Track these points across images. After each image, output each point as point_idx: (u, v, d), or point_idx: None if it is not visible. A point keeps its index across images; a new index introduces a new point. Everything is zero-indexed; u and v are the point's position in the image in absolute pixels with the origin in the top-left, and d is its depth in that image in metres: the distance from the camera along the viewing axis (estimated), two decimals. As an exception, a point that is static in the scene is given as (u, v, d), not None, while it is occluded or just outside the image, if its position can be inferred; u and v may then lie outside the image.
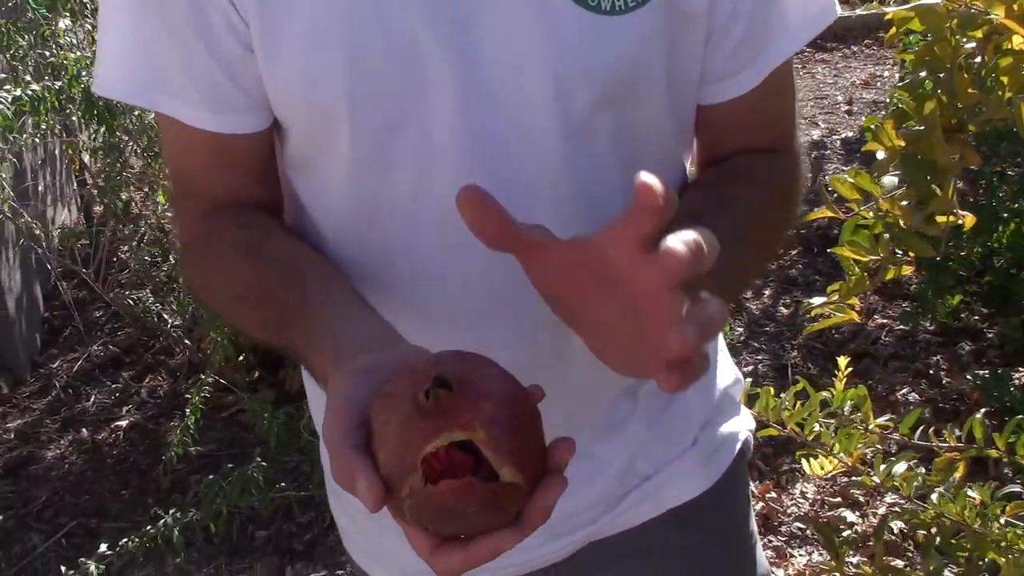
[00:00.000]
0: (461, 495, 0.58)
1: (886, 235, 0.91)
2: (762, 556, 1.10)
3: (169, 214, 3.07)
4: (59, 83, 2.03)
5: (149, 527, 2.21)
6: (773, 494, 2.55)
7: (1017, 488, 1.38)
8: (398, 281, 0.87)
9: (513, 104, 0.80)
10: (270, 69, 0.80)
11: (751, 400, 1.46)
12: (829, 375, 1.50)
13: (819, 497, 2.55)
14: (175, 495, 2.66)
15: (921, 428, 1.44)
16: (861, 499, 2.48)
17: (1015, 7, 0.80)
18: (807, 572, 2.24)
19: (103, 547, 2.17)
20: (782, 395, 1.42)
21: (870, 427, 1.38)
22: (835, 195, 1.06)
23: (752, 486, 2.57)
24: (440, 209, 0.82)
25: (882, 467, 1.30)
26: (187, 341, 3.15)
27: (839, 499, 2.52)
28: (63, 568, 2.17)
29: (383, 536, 1.02)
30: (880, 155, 0.86)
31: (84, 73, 2.11)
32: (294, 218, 0.94)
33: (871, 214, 0.92)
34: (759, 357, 3.12)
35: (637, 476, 0.97)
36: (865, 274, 0.97)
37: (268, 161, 0.90)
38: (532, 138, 0.81)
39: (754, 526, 1.09)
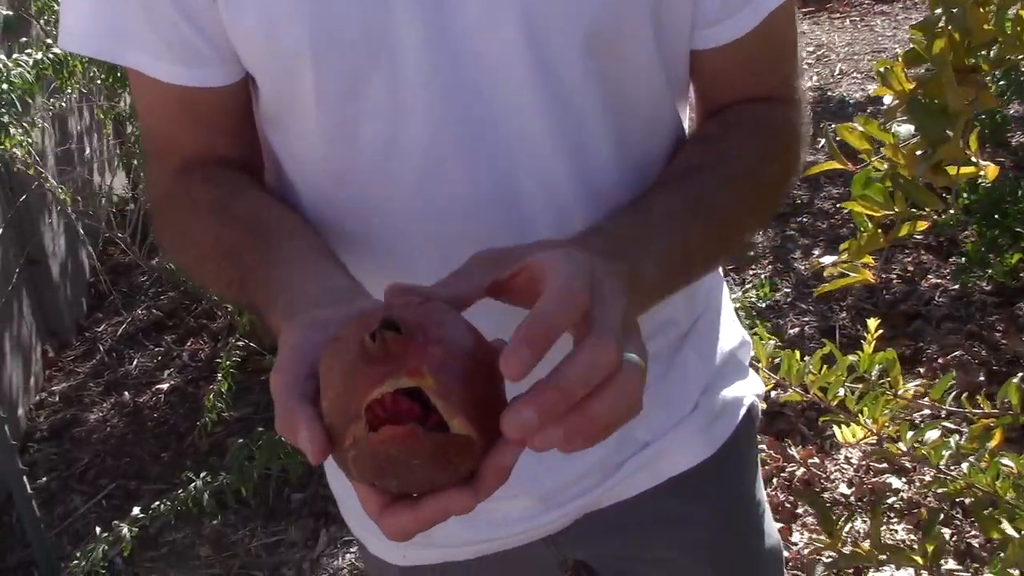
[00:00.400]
0: (405, 444, 0.53)
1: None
2: (772, 526, 1.04)
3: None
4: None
5: (181, 491, 2.21)
6: (816, 459, 2.48)
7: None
8: (374, 241, 0.82)
9: (486, 53, 0.74)
10: (232, 16, 0.76)
11: (775, 367, 1.40)
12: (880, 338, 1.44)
13: (864, 463, 2.47)
14: (213, 458, 2.67)
15: (960, 394, 1.37)
16: (908, 465, 2.39)
17: (1036, -66, 0.73)
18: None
19: (136, 510, 2.18)
20: (806, 358, 1.36)
21: (899, 393, 1.31)
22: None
23: (794, 451, 2.51)
24: (413, 167, 0.78)
25: (909, 435, 1.23)
26: (228, 305, 3.15)
27: (885, 465, 2.43)
28: (98, 529, 2.19)
29: None
30: (888, 100, 0.79)
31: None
32: (274, 177, 0.90)
33: (884, 165, 0.85)
34: (806, 319, 3.03)
35: (634, 443, 0.92)
36: (878, 230, 0.90)
37: (241, 117, 0.86)
38: (508, 91, 0.76)
39: (763, 495, 1.03)
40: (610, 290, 0.59)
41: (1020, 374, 1.53)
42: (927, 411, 1.56)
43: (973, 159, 0.82)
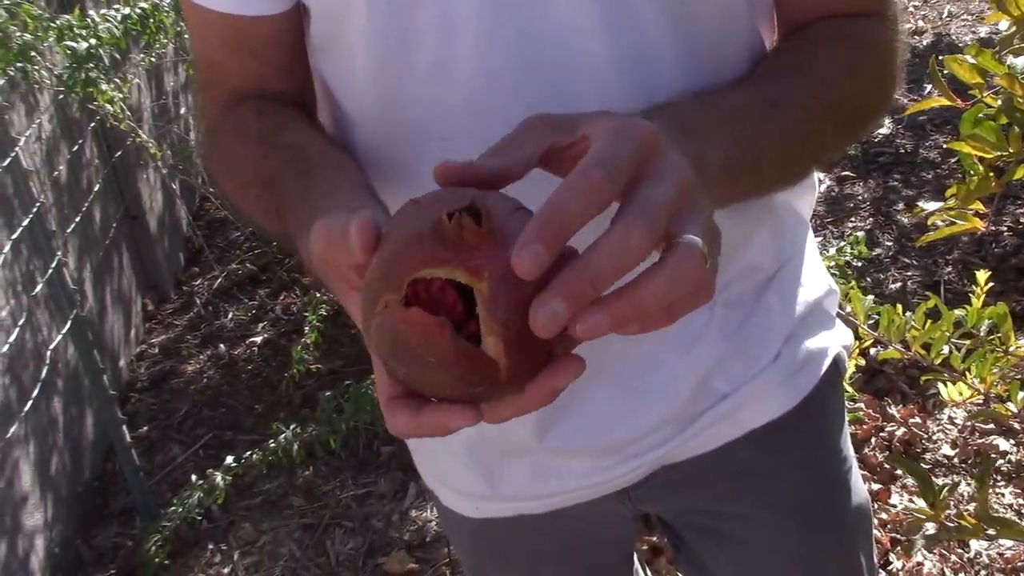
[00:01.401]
0: (427, 336, 0.49)
1: (1015, 127, 0.77)
2: (859, 483, 0.98)
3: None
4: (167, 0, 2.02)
5: (271, 442, 2.24)
6: (917, 419, 2.39)
7: None
8: (426, 164, 0.79)
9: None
10: None
11: (874, 325, 1.33)
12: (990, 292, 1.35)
13: (969, 423, 2.37)
14: (305, 410, 2.70)
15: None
16: (1017, 426, 2.29)
17: None
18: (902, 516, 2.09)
19: (229, 459, 2.22)
20: (908, 314, 1.29)
21: (1011, 350, 1.23)
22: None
23: (894, 410, 2.42)
24: (464, 87, 0.74)
25: (1021, 395, 1.16)
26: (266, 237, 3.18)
27: (992, 426, 2.33)
28: (193, 477, 2.23)
29: (444, 459, 0.97)
30: (1004, 25, 0.72)
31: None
32: (326, 112, 0.87)
33: (998, 101, 0.78)
34: (909, 273, 2.92)
35: (713, 394, 0.87)
36: (990, 173, 0.83)
37: (291, 51, 0.84)
38: (563, 3, 0.71)
39: (849, 449, 0.97)
40: (671, 163, 0.53)
41: None
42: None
43: (1099, 92, 0.75)
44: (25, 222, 1.94)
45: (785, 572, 0.96)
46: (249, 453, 2.22)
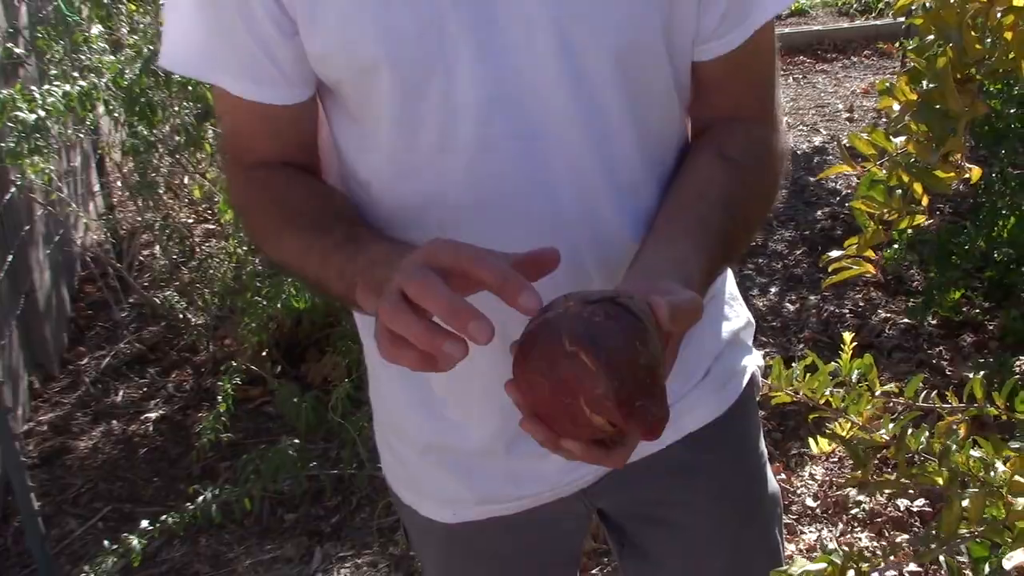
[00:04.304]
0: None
1: (899, 187, 1.01)
2: (771, 476, 1.20)
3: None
4: (104, 80, 2.14)
5: (189, 504, 2.29)
6: (783, 476, 2.65)
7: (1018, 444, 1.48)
8: (428, 227, 0.96)
9: (526, 67, 0.90)
10: (315, 41, 0.92)
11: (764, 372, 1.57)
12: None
13: (827, 479, 2.64)
14: (205, 481, 2.75)
15: (928, 393, 1.54)
16: (870, 479, 2.57)
17: (1013, -25, 0.91)
18: (815, 543, 2.33)
19: (144, 523, 2.26)
20: (793, 364, 1.53)
21: (877, 393, 1.48)
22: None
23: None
24: (463, 163, 0.93)
25: (890, 425, 1.39)
26: (215, 343, 3.25)
27: (845, 480, 2.61)
28: (106, 542, 2.26)
29: (425, 471, 1.13)
30: (895, 107, 0.96)
31: (127, 71, 2.22)
32: (339, 176, 1.05)
33: (883, 172, 1.02)
34: (766, 350, 3.22)
35: None
36: (880, 227, 1.07)
37: (306, 130, 1.02)
38: (545, 99, 0.91)
39: (763, 448, 1.20)
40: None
41: (982, 372, 1.71)
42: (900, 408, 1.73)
43: (961, 163, 1.00)
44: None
45: (718, 547, 1.16)
46: (165, 516, 2.27)
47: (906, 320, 3.29)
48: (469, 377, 0.89)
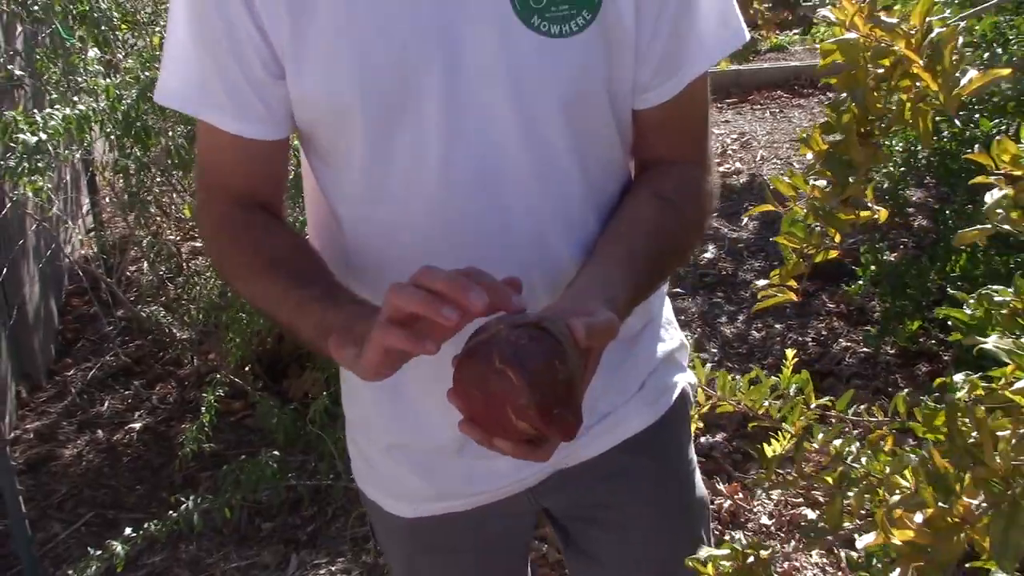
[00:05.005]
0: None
1: (816, 225, 1.14)
2: (700, 482, 1.33)
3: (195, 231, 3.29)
4: (103, 104, 2.26)
5: (172, 512, 2.40)
6: (741, 496, 2.77)
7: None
8: (398, 252, 1.09)
9: (486, 111, 1.03)
10: (300, 85, 1.04)
11: (711, 383, 1.69)
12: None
13: (783, 498, 2.77)
14: (187, 490, 2.85)
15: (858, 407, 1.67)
16: (821, 499, 2.70)
17: (912, 42, 1.05)
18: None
19: (128, 530, 2.36)
20: (737, 377, 1.66)
21: (812, 405, 1.61)
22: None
23: (722, 487, 2.80)
24: (430, 194, 1.06)
25: (820, 435, 1.52)
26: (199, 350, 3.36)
27: (800, 500, 2.74)
28: (90, 549, 2.36)
29: (388, 468, 1.25)
30: (809, 156, 1.10)
31: (125, 96, 2.34)
32: (315, 206, 1.17)
33: (803, 211, 1.16)
34: (731, 376, 3.35)
35: (598, 414, 1.20)
36: (800, 260, 1.20)
37: (278, 166, 1.15)
38: (503, 139, 1.04)
39: (692, 456, 1.32)
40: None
41: (906, 390, 1.84)
42: (834, 420, 1.86)
43: (870, 205, 1.13)
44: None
45: (652, 545, 1.28)
46: (147, 524, 2.37)
47: (865, 349, 3.42)
48: (427, 382, 1.01)
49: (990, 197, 0.90)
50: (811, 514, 2.68)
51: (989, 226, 0.91)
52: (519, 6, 1.01)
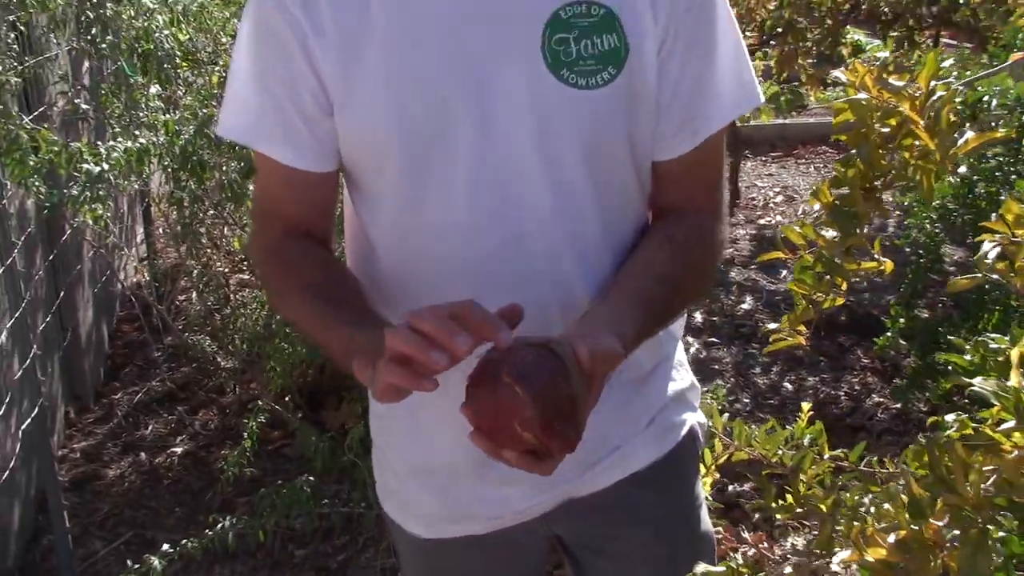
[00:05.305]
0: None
1: (824, 273, 1.21)
2: (707, 517, 1.38)
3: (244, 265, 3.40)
4: (162, 138, 2.39)
5: (208, 531, 2.48)
6: (765, 544, 2.80)
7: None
8: (427, 281, 1.18)
9: (514, 155, 1.12)
10: (345, 123, 1.14)
11: (728, 432, 1.75)
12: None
13: (807, 548, 2.78)
14: (224, 513, 2.93)
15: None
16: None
17: (916, 103, 1.11)
18: None
19: (165, 546, 2.44)
20: (753, 426, 1.71)
21: (825, 456, 1.65)
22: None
23: (747, 535, 2.82)
24: (457, 230, 1.15)
25: (812, 467, 1.57)
26: (243, 379, 3.46)
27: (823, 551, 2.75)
28: (129, 562, 2.44)
29: (409, 489, 1.32)
30: (816, 207, 1.16)
31: (183, 131, 2.46)
32: (355, 237, 1.26)
33: (811, 258, 1.22)
34: (747, 425, 3.38)
35: (609, 446, 1.26)
36: (810, 305, 1.26)
37: (327, 196, 1.24)
38: (527, 182, 1.13)
39: (700, 492, 1.38)
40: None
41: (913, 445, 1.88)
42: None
43: (876, 256, 1.19)
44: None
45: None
46: (185, 541, 2.45)
47: (898, 405, 3.44)
48: (443, 406, 1.09)
49: (986, 247, 0.96)
50: (835, 566, 2.69)
51: (979, 275, 0.96)
52: (550, 59, 1.09)
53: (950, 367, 1.20)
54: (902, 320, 3.37)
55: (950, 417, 1.03)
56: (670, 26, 1.12)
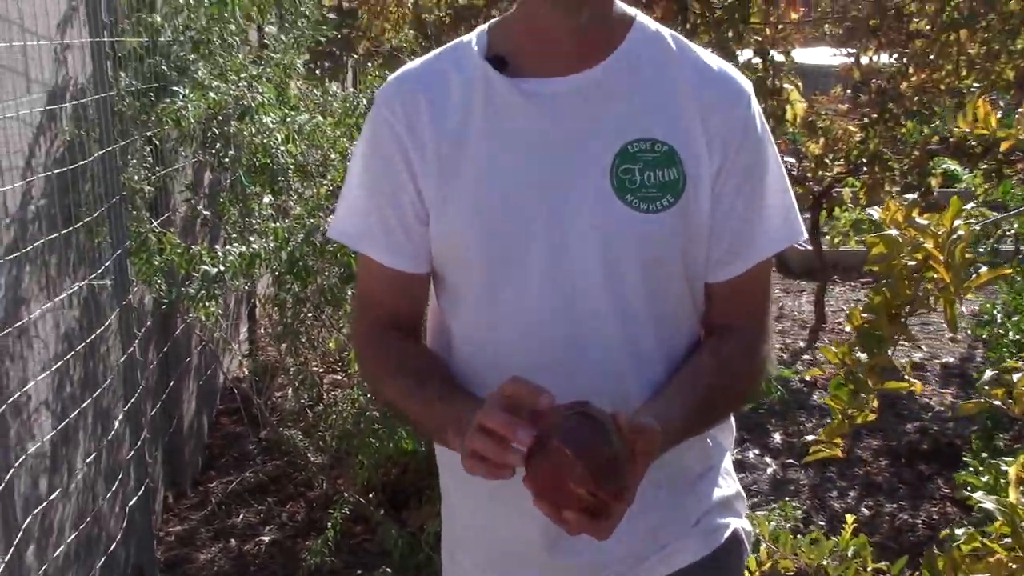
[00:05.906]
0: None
1: (858, 392, 1.32)
2: None
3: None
4: (271, 244, 2.62)
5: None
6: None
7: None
8: (501, 364, 1.30)
9: (579, 267, 1.28)
10: (438, 233, 1.32)
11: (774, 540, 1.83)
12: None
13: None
14: (304, 602, 3.07)
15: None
16: None
17: (939, 240, 1.24)
18: None
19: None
20: (799, 536, 1.80)
21: (868, 568, 1.73)
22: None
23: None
24: (528, 325, 1.30)
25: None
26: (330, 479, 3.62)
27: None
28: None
29: (472, 574, 1.44)
30: (848, 329, 1.28)
31: (292, 238, 2.70)
32: (438, 327, 1.42)
33: (843, 376, 1.34)
34: (792, 536, 3.39)
35: (656, 544, 1.37)
36: (844, 419, 1.37)
37: (419, 294, 1.41)
38: (591, 292, 1.28)
39: None
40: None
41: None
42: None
43: (906, 376, 1.30)
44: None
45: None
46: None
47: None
48: (515, 496, 1.22)
49: (988, 374, 1.06)
50: None
51: (983, 400, 1.07)
52: (617, 185, 1.26)
53: (967, 488, 1.29)
54: (984, 453, 3.38)
55: (960, 531, 1.12)
56: (724, 165, 1.29)
